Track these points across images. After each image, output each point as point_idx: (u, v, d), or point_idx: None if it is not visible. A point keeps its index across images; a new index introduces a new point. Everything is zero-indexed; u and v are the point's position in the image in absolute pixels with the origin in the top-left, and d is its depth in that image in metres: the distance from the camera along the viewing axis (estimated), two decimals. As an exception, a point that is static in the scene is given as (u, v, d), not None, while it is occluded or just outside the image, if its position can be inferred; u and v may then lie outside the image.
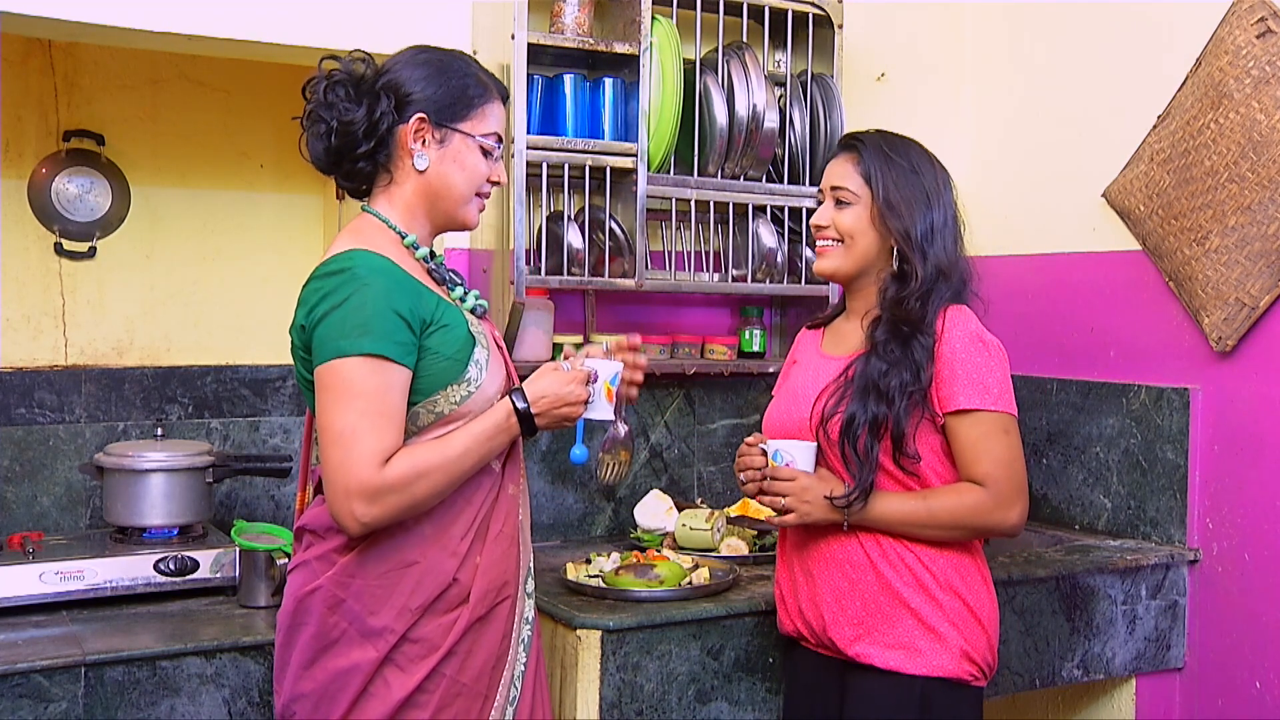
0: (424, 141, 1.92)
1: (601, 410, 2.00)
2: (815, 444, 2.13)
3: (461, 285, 2.01)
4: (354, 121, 1.89)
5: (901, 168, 2.15)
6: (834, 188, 2.19)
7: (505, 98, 2.01)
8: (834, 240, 2.19)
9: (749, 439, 2.19)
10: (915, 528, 2.10)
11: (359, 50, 1.97)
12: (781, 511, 2.11)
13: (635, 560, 2.58)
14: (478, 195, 1.98)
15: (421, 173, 1.93)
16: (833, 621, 2.14)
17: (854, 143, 2.20)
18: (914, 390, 2.06)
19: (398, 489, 1.78)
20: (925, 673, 2.08)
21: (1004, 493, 2.09)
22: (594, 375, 1.99)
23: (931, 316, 2.11)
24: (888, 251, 2.16)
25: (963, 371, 2.08)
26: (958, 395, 2.08)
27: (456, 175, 1.95)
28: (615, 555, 2.63)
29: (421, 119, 1.91)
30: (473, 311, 1.98)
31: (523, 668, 1.98)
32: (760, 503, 2.15)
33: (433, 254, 2.00)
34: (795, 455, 2.11)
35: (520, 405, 1.91)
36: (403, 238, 1.93)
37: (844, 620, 2.13)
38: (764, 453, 2.15)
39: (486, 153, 1.96)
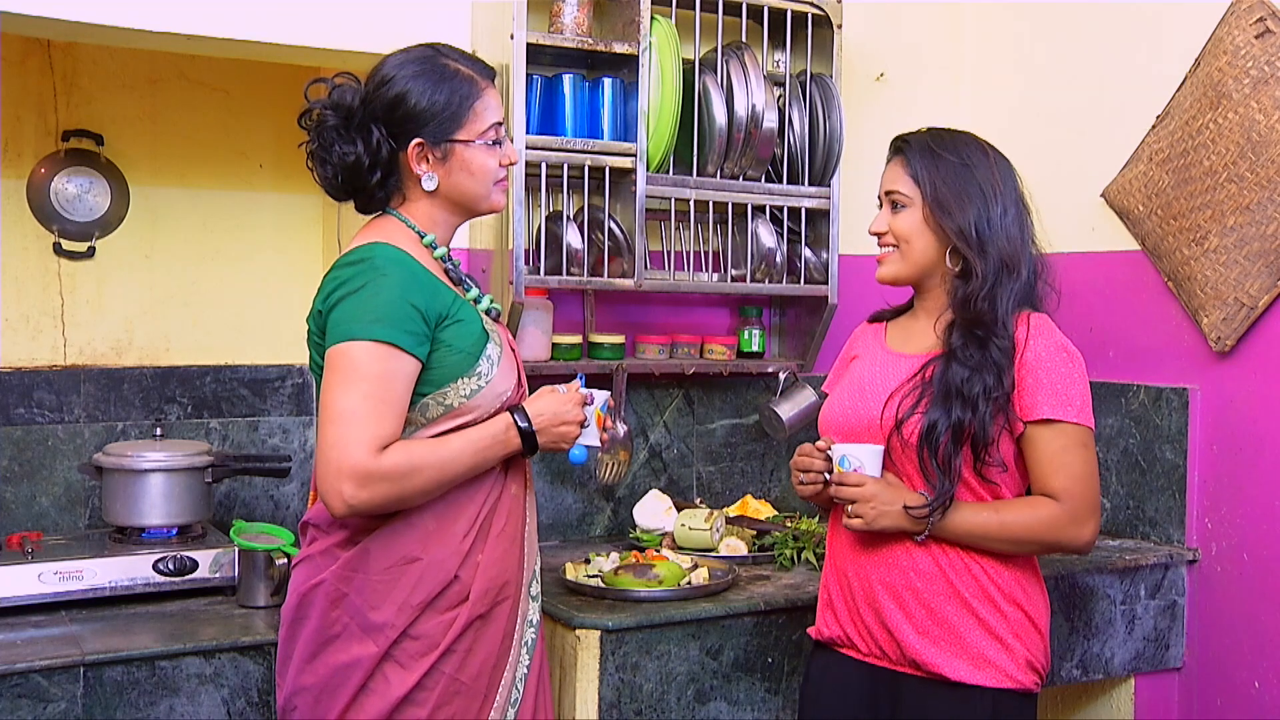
0: (427, 161, 1.93)
1: (592, 436, 2.04)
2: (882, 448, 2.07)
3: (477, 287, 2.04)
4: (356, 161, 1.91)
5: (950, 163, 2.10)
6: (888, 192, 2.15)
7: (493, 77, 2.00)
8: (892, 246, 2.15)
9: (819, 443, 2.12)
10: (985, 540, 2.05)
11: (343, 74, 1.97)
12: (850, 515, 2.06)
13: (634, 560, 2.59)
14: (496, 184, 2.00)
15: (432, 192, 1.95)
16: (897, 628, 2.08)
17: (901, 144, 2.16)
18: (998, 395, 2.01)
19: (389, 478, 1.80)
20: (996, 684, 2.04)
21: (1079, 509, 2.04)
22: (590, 398, 2.03)
23: (1004, 315, 2.05)
24: (947, 250, 2.11)
25: (1047, 380, 2.04)
26: (1041, 404, 2.03)
27: (467, 182, 1.96)
28: (614, 555, 2.63)
29: (420, 144, 1.92)
30: (487, 313, 2.00)
31: (526, 670, 1.98)
32: (847, 513, 2.08)
33: (448, 255, 2.02)
34: (864, 460, 2.05)
35: (522, 424, 1.93)
36: (422, 237, 1.96)
37: (909, 627, 2.08)
38: (828, 457, 2.09)
39: (492, 144, 1.97)
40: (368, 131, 1.90)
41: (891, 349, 2.21)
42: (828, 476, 2.09)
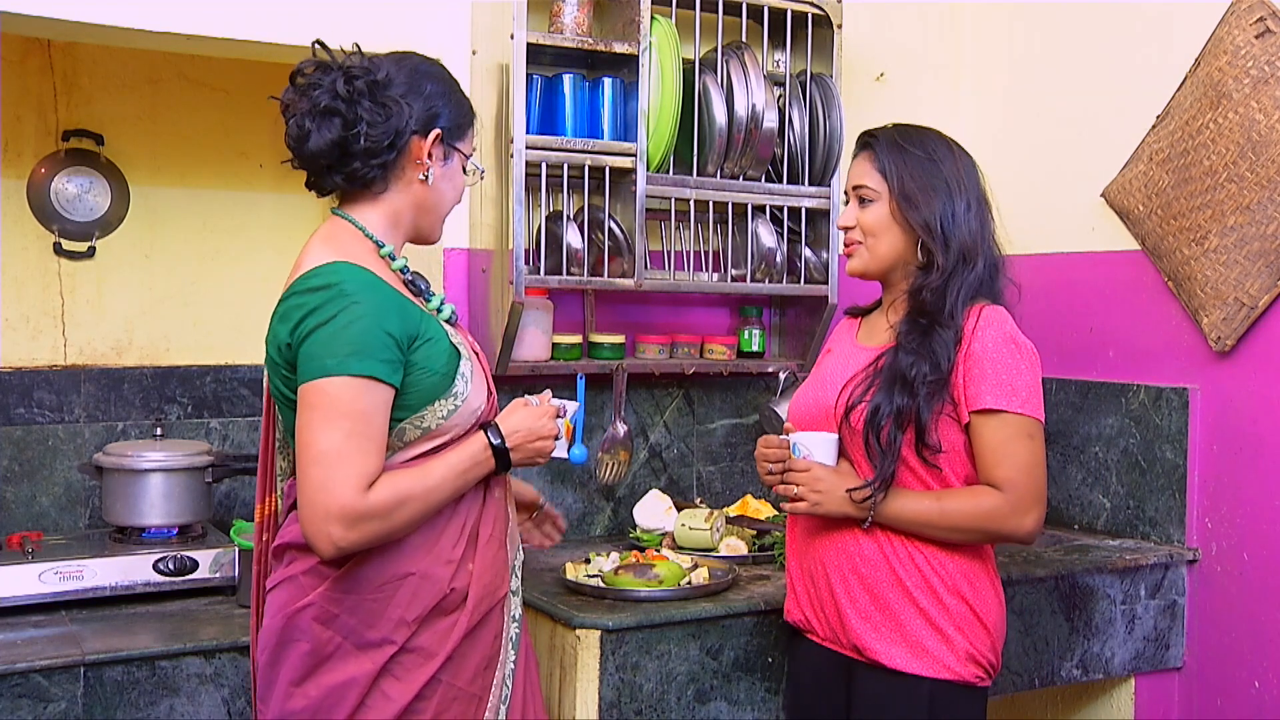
0: (431, 156, 1.92)
1: (560, 448, 2.03)
2: (835, 436, 2.11)
3: (431, 294, 1.98)
4: (386, 128, 1.86)
5: (917, 157, 2.13)
6: (855, 187, 2.18)
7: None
8: (859, 240, 2.18)
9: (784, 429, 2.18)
10: (927, 528, 2.07)
11: (355, 49, 1.95)
12: (794, 500, 2.10)
13: (635, 560, 2.59)
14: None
15: (425, 188, 1.92)
16: (844, 612, 2.12)
17: (869, 139, 2.19)
18: (933, 380, 2.04)
19: (379, 515, 1.76)
20: (932, 674, 2.07)
21: (1021, 499, 2.05)
22: (563, 410, 2.01)
23: (952, 305, 2.08)
24: (914, 244, 2.14)
25: (991, 371, 2.05)
26: (984, 394, 2.05)
27: (450, 193, 1.97)
28: (615, 555, 2.63)
29: (439, 135, 1.91)
30: (448, 320, 1.96)
31: (513, 666, 1.97)
32: (776, 491, 2.14)
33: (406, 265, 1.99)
34: (813, 447, 2.10)
35: (495, 441, 1.90)
36: (380, 247, 1.91)
37: (854, 612, 2.11)
38: (789, 445, 2.14)
39: (464, 172, 2.00)
40: (399, 106, 1.87)
41: (858, 342, 2.25)
42: None
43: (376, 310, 1.78)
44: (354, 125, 1.85)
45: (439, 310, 1.95)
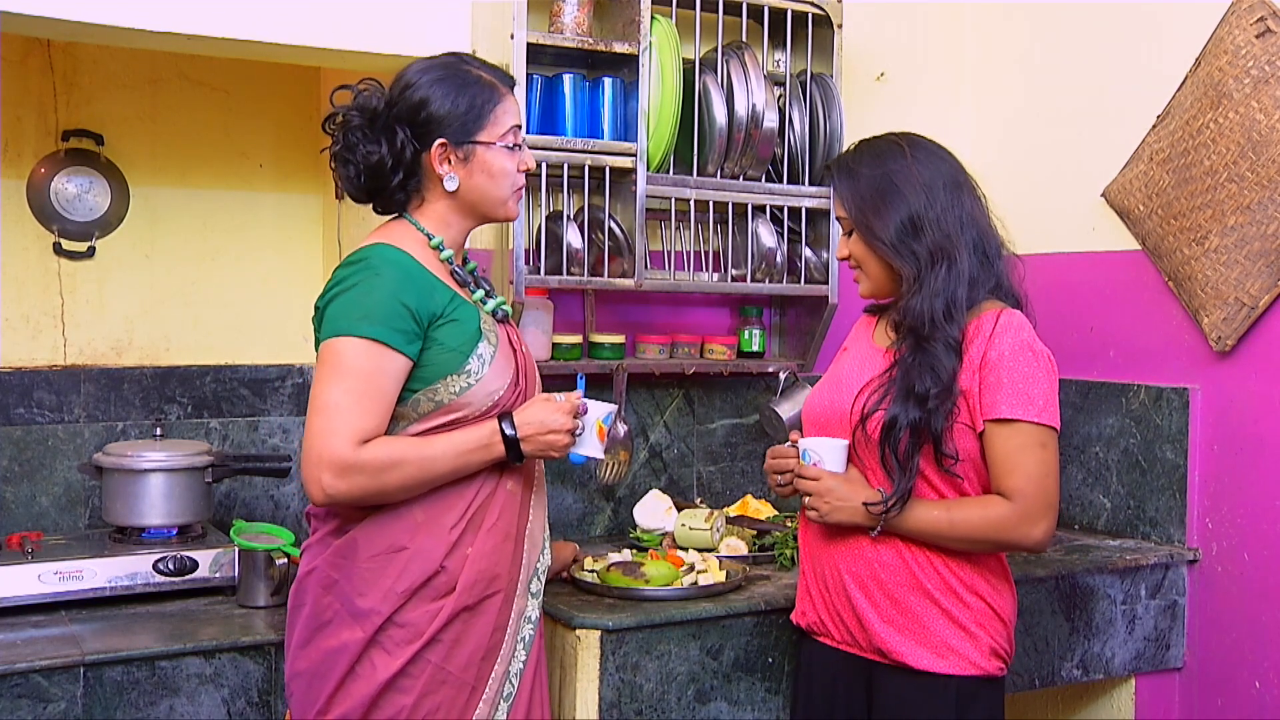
0: (449, 162, 1.97)
1: (591, 447, 2.03)
2: (845, 443, 2.10)
3: (485, 289, 2.06)
4: (380, 161, 1.96)
5: (867, 177, 2.11)
6: (838, 218, 2.19)
7: (513, 85, 2.06)
8: (857, 267, 2.18)
9: (792, 435, 2.18)
10: (938, 538, 2.07)
11: (368, 80, 2.01)
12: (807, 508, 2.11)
13: (651, 558, 2.60)
14: (513, 191, 2.04)
15: (453, 192, 1.99)
16: (865, 616, 2.12)
17: (827, 170, 2.21)
18: (938, 392, 2.02)
19: (368, 470, 1.84)
20: (960, 672, 2.07)
21: (1030, 508, 2.03)
22: (584, 408, 2.01)
23: (933, 314, 2.04)
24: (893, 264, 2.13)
25: (1008, 379, 2.03)
26: (1000, 403, 2.03)
27: (487, 184, 2.00)
28: (627, 552, 2.64)
29: (443, 144, 1.96)
30: (493, 314, 2.03)
31: (521, 665, 1.99)
32: (804, 505, 2.14)
33: (465, 260, 2.06)
34: (822, 455, 2.10)
35: (508, 431, 1.94)
36: (429, 239, 2.00)
37: (875, 616, 2.11)
38: (798, 450, 2.14)
39: (511, 147, 2.01)
40: (392, 132, 1.95)
41: (874, 343, 2.23)
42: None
43: (396, 283, 1.88)
44: (358, 165, 1.97)
45: (484, 302, 2.02)
